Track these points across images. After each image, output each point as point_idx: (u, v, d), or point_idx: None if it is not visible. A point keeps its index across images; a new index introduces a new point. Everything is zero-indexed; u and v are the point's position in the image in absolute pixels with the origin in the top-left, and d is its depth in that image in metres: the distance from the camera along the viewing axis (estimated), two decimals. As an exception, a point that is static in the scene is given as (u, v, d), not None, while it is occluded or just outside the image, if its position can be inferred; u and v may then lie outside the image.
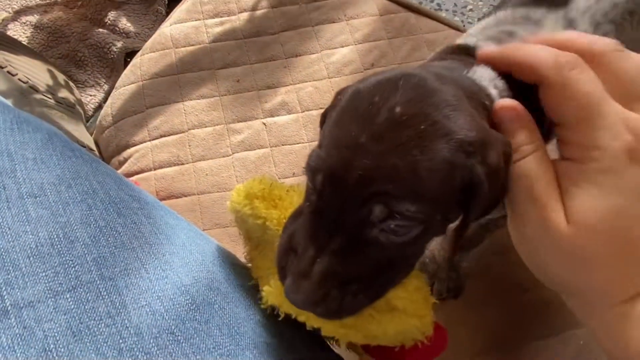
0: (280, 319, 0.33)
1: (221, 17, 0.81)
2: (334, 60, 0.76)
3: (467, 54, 0.37)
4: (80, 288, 0.28)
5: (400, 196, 0.26)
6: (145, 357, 0.27)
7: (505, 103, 0.30)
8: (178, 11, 0.83)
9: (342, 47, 0.78)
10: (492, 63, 0.32)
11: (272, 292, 0.33)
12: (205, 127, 0.71)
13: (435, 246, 0.59)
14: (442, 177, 0.26)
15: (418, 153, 0.26)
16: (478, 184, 0.27)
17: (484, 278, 0.61)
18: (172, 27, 0.80)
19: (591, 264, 0.27)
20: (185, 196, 0.66)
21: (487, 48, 0.33)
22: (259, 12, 0.81)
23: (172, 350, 0.28)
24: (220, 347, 0.30)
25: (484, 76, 0.33)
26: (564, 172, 0.28)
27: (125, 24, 1.02)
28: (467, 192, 0.28)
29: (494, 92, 0.32)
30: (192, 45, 0.78)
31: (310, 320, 0.31)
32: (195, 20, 0.80)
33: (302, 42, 0.79)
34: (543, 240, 0.28)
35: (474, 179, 0.27)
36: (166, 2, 1.06)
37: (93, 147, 0.74)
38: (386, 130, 0.26)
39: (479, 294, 0.60)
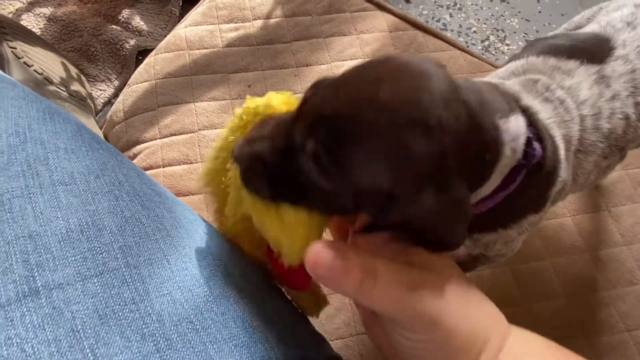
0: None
1: (236, 22, 0.83)
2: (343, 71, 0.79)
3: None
4: (107, 274, 0.29)
5: (329, 150, 0.29)
6: (166, 343, 0.29)
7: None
8: (194, 14, 0.84)
9: (351, 59, 0.81)
10: None
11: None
12: (215, 128, 0.72)
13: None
14: (370, 172, 0.28)
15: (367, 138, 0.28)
16: (398, 198, 0.29)
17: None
18: (187, 29, 0.82)
19: None
20: (193, 194, 0.67)
21: None
22: (272, 21, 0.84)
23: (190, 338, 0.30)
24: (235, 338, 0.32)
25: (510, 131, 0.32)
26: None
27: (138, 22, 1.03)
28: (390, 203, 0.29)
29: (508, 153, 0.32)
30: (206, 48, 0.80)
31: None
32: (211, 24, 0.82)
33: (313, 52, 0.81)
34: None
35: (400, 196, 0.29)
36: (180, 4, 1.08)
37: (102, 141, 0.75)
38: (363, 102, 0.28)
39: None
